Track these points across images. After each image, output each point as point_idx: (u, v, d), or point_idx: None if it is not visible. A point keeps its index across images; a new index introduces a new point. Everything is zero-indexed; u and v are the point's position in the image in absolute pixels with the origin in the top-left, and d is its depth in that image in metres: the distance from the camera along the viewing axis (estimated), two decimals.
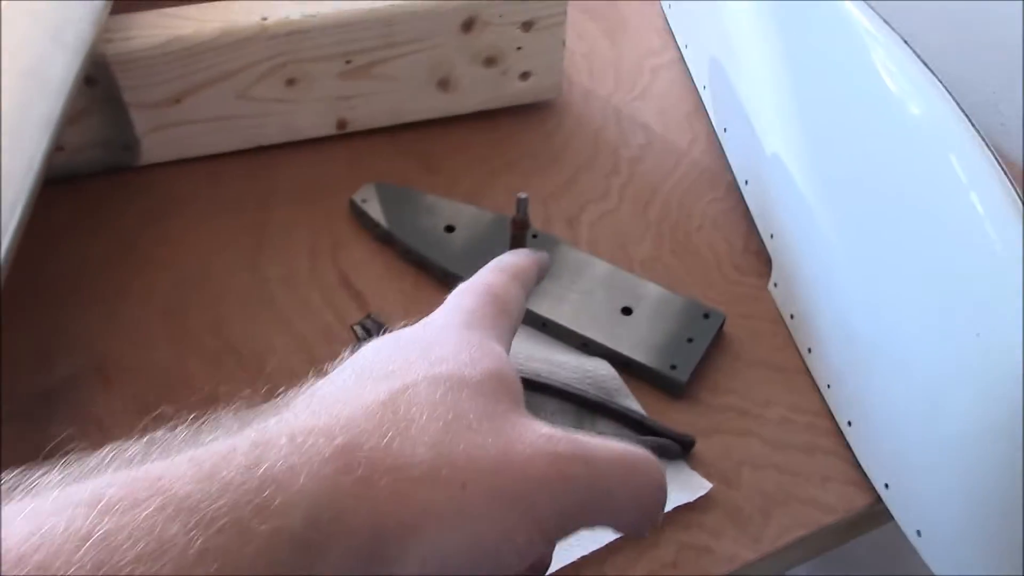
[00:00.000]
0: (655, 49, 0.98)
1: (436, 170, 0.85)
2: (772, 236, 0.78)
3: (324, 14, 0.79)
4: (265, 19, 0.78)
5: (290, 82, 0.81)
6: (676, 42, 0.98)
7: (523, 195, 0.73)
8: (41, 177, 0.61)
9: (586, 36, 0.96)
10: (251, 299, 0.76)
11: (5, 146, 0.58)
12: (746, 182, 0.82)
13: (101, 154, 0.81)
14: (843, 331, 0.70)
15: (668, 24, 1.00)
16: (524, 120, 0.90)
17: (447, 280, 0.77)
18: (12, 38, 0.63)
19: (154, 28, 0.77)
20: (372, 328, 0.72)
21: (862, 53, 0.71)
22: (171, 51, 0.77)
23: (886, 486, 0.65)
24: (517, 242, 0.75)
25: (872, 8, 0.73)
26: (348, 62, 0.82)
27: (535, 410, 0.67)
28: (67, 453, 0.52)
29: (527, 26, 0.84)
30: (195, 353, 0.72)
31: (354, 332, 0.72)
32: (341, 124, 0.86)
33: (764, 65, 0.80)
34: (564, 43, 0.86)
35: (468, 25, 0.82)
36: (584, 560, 0.62)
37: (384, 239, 0.80)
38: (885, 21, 0.71)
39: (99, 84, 0.76)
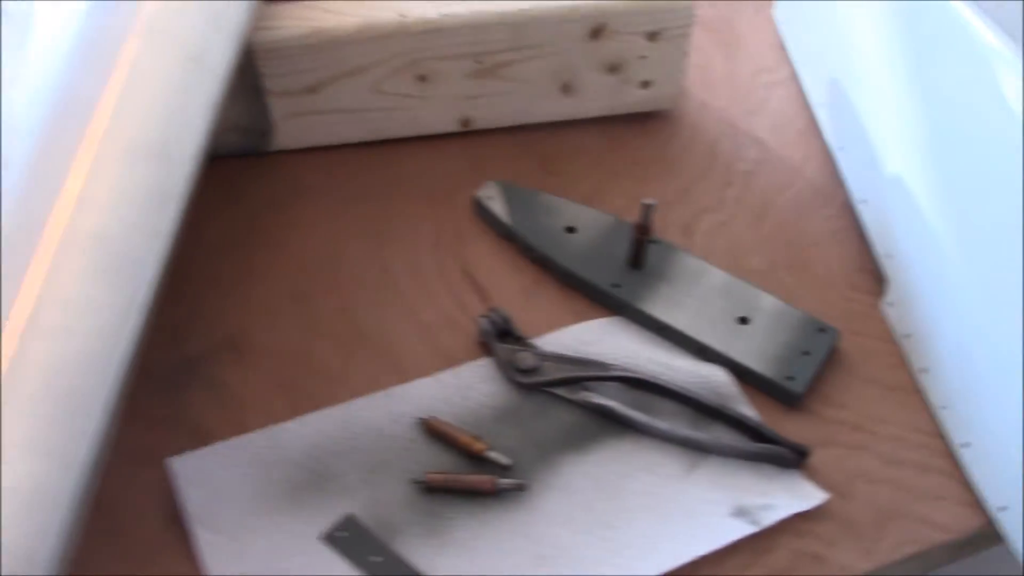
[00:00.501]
0: (769, 66, 0.99)
1: (555, 172, 0.87)
2: (889, 256, 0.79)
3: (459, 14, 0.81)
4: (404, 16, 0.80)
5: (421, 78, 0.84)
6: (790, 60, 0.99)
7: (650, 201, 0.74)
8: (204, 157, 0.64)
9: (700, 49, 0.98)
10: (377, 287, 0.78)
11: (174, 127, 0.60)
12: (863, 201, 0.83)
13: (237, 139, 0.84)
14: (961, 353, 0.71)
15: (782, 42, 1.01)
16: (640, 128, 0.91)
17: (568, 280, 0.79)
18: (180, 25, 0.66)
19: (297, 19, 0.80)
20: (497, 320, 0.74)
21: (990, 74, 0.72)
22: (312, 43, 0.80)
23: (1001, 509, 0.66)
24: (638, 247, 0.77)
25: (1000, 28, 0.73)
26: (477, 62, 0.84)
27: (652, 412, 0.69)
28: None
29: (652, 36, 0.85)
30: (325, 336, 0.75)
31: (479, 324, 0.74)
32: (464, 122, 0.88)
33: (887, 85, 0.81)
34: (687, 54, 0.88)
35: (596, 32, 0.84)
36: (703, 559, 0.64)
37: (506, 236, 0.82)
38: (1014, 41, 0.72)
39: (242, 71, 0.79)
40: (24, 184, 0.54)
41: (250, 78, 0.80)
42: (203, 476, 0.66)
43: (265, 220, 0.82)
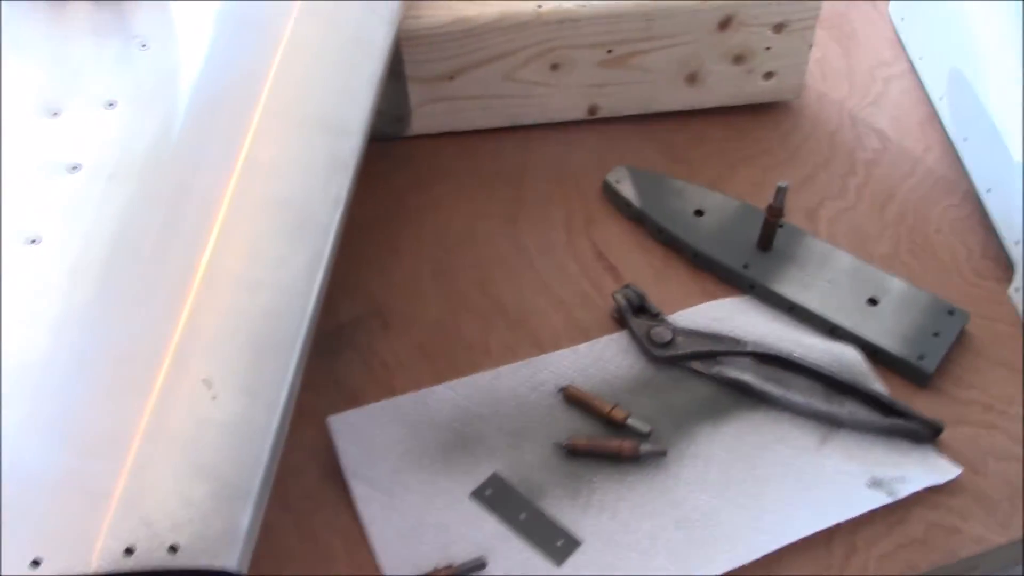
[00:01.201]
0: (886, 60, 1.00)
1: (679, 159, 0.90)
2: (1017, 243, 0.80)
3: (594, 5, 0.84)
4: (540, 6, 0.84)
5: (554, 67, 0.87)
6: (907, 54, 1.00)
7: (784, 184, 0.77)
8: (369, 131, 0.68)
9: (819, 44, 1.00)
10: (512, 264, 0.81)
11: (345, 102, 0.64)
12: (988, 190, 0.84)
13: (376, 123, 0.88)
14: None
15: (899, 36, 1.02)
16: (762, 118, 0.93)
17: (697, 261, 0.81)
18: (337, 10, 0.70)
19: (440, 8, 0.84)
20: (632, 297, 0.77)
21: None
22: (453, 30, 0.83)
23: None
24: (769, 229, 0.79)
25: None
26: (608, 52, 0.87)
27: (786, 386, 0.71)
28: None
29: (779, 28, 0.87)
30: (465, 309, 0.78)
31: (615, 300, 0.77)
32: (592, 110, 0.91)
33: (1012, 75, 0.83)
34: (811, 46, 0.90)
35: (724, 24, 0.86)
36: (837, 527, 0.66)
37: (635, 218, 0.84)
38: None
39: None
40: (217, 151, 0.58)
41: (393, 64, 0.84)
42: (358, 434, 0.69)
43: (405, 201, 0.86)
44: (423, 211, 0.85)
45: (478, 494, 0.67)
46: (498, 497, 0.67)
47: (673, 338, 0.75)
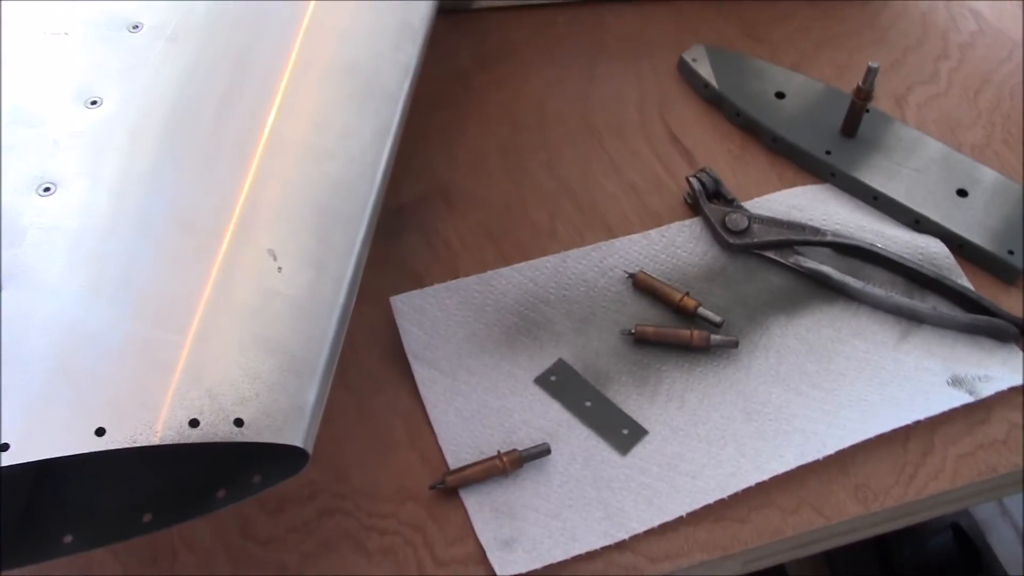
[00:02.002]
0: None
1: (760, 38, 0.85)
2: None
3: None
4: None
5: None
6: None
7: (875, 64, 0.72)
8: (435, 9, 0.64)
9: None
10: (582, 144, 0.78)
11: None
12: None
13: None
14: None
15: None
16: None
17: (776, 146, 0.77)
18: None
19: None
20: (707, 182, 0.73)
21: None
22: None
23: None
24: (855, 113, 0.75)
25: None
26: None
27: (866, 279, 0.68)
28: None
29: None
30: (531, 190, 0.76)
31: (690, 183, 0.73)
32: None
33: None
34: None
35: None
36: (915, 425, 0.63)
37: (712, 100, 0.80)
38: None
39: None
40: (282, 13, 0.55)
41: None
42: (421, 315, 0.68)
43: (473, 77, 0.82)
44: (490, 88, 0.81)
45: (543, 380, 0.66)
46: (563, 383, 0.66)
47: (749, 226, 0.72)
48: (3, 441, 0.41)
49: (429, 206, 0.74)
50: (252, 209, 0.49)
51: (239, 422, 0.44)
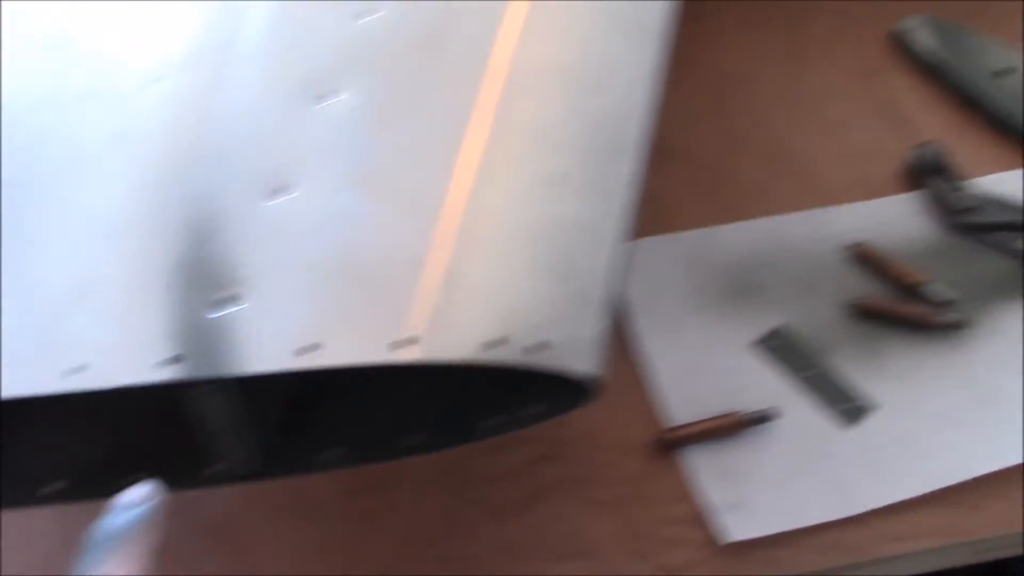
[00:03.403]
0: None
1: (983, 11, 0.81)
2: None
3: None
4: None
5: None
6: None
7: None
8: None
9: None
10: (796, 107, 0.75)
11: None
12: None
13: None
14: None
15: None
16: None
17: (1000, 124, 0.74)
18: None
19: None
20: (930, 157, 0.70)
21: None
22: None
23: None
24: None
25: None
26: None
27: None
28: None
29: None
30: (744, 149, 0.73)
31: (911, 157, 0.70)
32: None
33: None
34: None
35: None
36: None
37: (931, 72, 0.77)
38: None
39: None
40: None
41: None
42: (640, 267, 0.65)
43: (684, 29, 0.79)
44: (702, 41, 0.78)
45: (762, 344, 0.63)
46: (784, 350, 0.63)
47: (973, 205, 0.68)
48: (313, 342, 0.39)
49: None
50: (539, 133, 0.47)
51: (534, 348, 0.42)
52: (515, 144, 0.46)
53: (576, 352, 0.43)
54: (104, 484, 0.46)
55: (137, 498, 0.34)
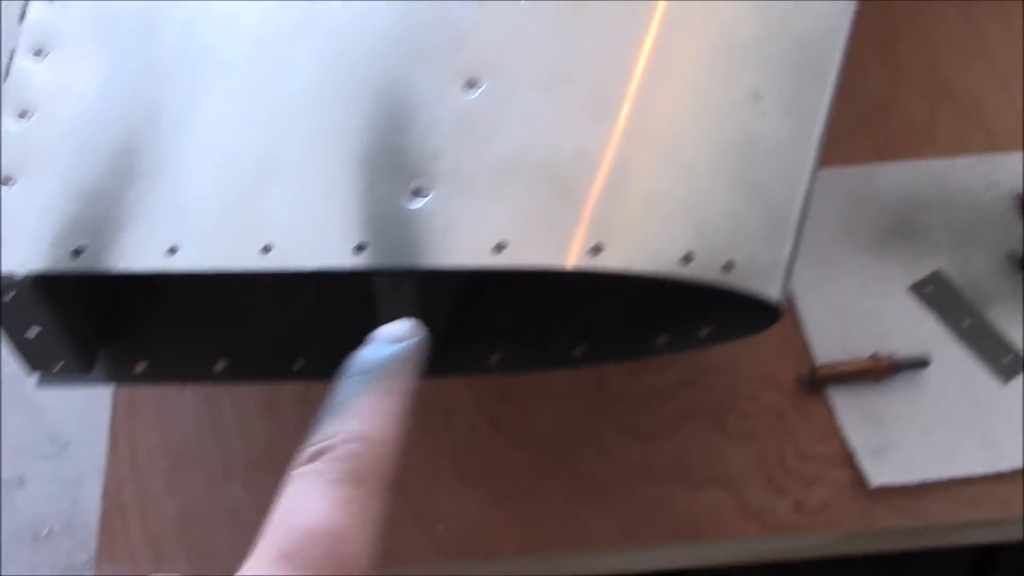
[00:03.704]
0: None
1: None
2: None
3: None
4: None
5: None
6: None
7: None
8: None
9: None
10: (966, 47, 0.71)
11: None
12: None
13: None
14: None
15: None
16: None
17: None
18: None
19: None
20: None
21: None
22: None
23: None
24: None
25: None
26: None
27: None
28: None
29: None
30: (909, 86, 0.70)
31: None
32: None
33: None
34: None
35: None
36: None
37: None
38: None
39: None
40: None
41: None
42: None
43: None
44: None
45: (918, 289, 0.61)
46: (939, 297, 0.61)
47: None
48: (501, 240, 0.38)
49: None
50: (734, 43, 0.45)
51: (727, 267, 0.40)
52: (711, 57, 0.45)
53: (766, 275, 0.41)
54: (263, 368, 0.47)
55: (400, 332, 0.31)
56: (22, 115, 0.41)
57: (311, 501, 0.26)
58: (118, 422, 0.57)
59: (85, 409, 1.40)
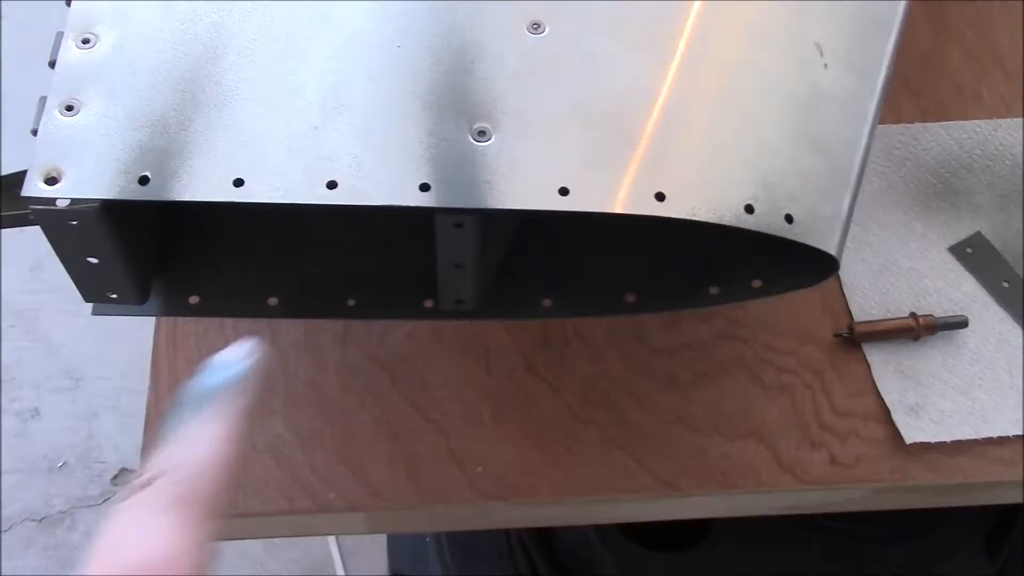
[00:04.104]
0: None
1: None
2: None
3: None
4: None
5: None
6: None
7: None
8: None
9: None
10: (1016, 7, 0.71)
11: None
12: None
13: None
14: None
15: None
16: None
17: None
18: None
19: None
20: None
21: None
22: None
23: None
24: None
25: None
26: None
27: None
28: None
29: None
30: (955, 46, 0.69)
31: None
32: None
33: None
34: None
35: None
36: None
37: None
38: None
39: None
40: None
41: None
42: None
43: None
44: None
45: (957, 250, 0.61)
46: (979, 258, 0.61)
47: None
48: (565, 184, 0.38)
49: None
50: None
51: (789, 218, 0.40)
52: (775, 8, 0.44)
53: (826, 229, 0.42)
54: (316, 304, 0.47)
55: (235, 357, 0.32)
56: (85, 42, 0.41)
57: (140, 531, 0.27)
58: (159, 355, 0.58)
59: (101, 344, 1.41)
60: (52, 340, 1.45)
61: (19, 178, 0.43)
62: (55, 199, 0.37)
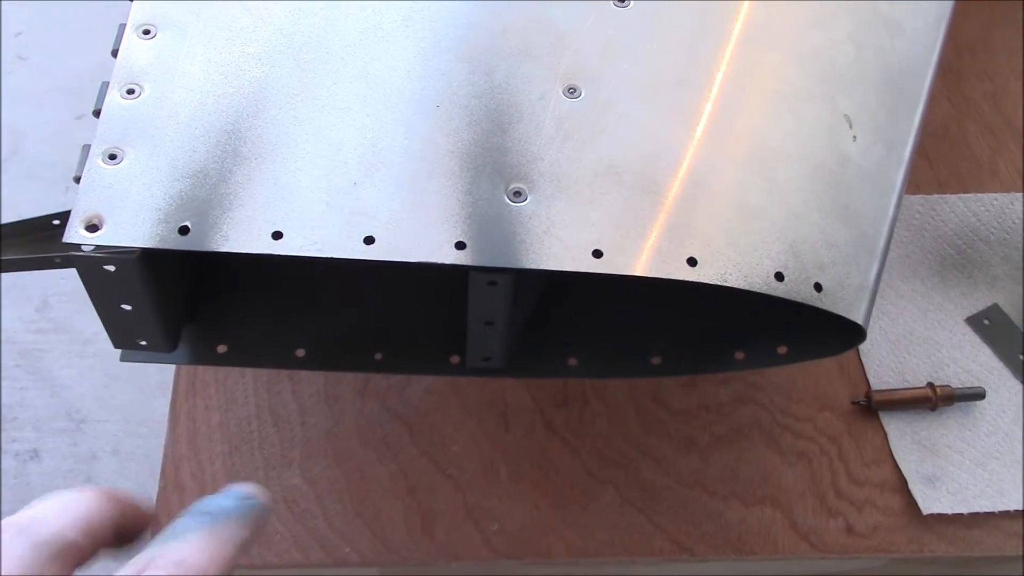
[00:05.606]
0: None
1: None
2: None
3: None
4: None
5: None
6: None
7: None
8: None
9: None
10: None
11: None
12: None
13: None
14: None
15: None
16: None
17: None
18: None
19: None
20: None
21: None
22: None
23: None
24: None
25: None
26: None
27: None
28: None
29: None
30: (973, 119, 0.71)
31: None
32: None
33: None
34: None
35: None
36: None
37: None
38: None
39: None
40: None
41: None
42: None
43: None
44: None
45: (974, 321, 0.61)
46: (996, 330, 0.61)
47: None
48: (598, 247, 0.39)
49: None
50: (830, 68, 0.46)
51: (818, 287, 0.41)
52: (806, 77, 0.45)
53: (854, 298, 0.42)
54: (342, 357, 0.47)
55: (253, 492, 0.33)
56: (130, 92, 0.41)
57: None
58: (179, 400, 0.58)
59: (104, 386, 1.41)
60: (56, 381, 1.45)
61: (20, 226, 0.44)
62: (95, 245, 0.38)
